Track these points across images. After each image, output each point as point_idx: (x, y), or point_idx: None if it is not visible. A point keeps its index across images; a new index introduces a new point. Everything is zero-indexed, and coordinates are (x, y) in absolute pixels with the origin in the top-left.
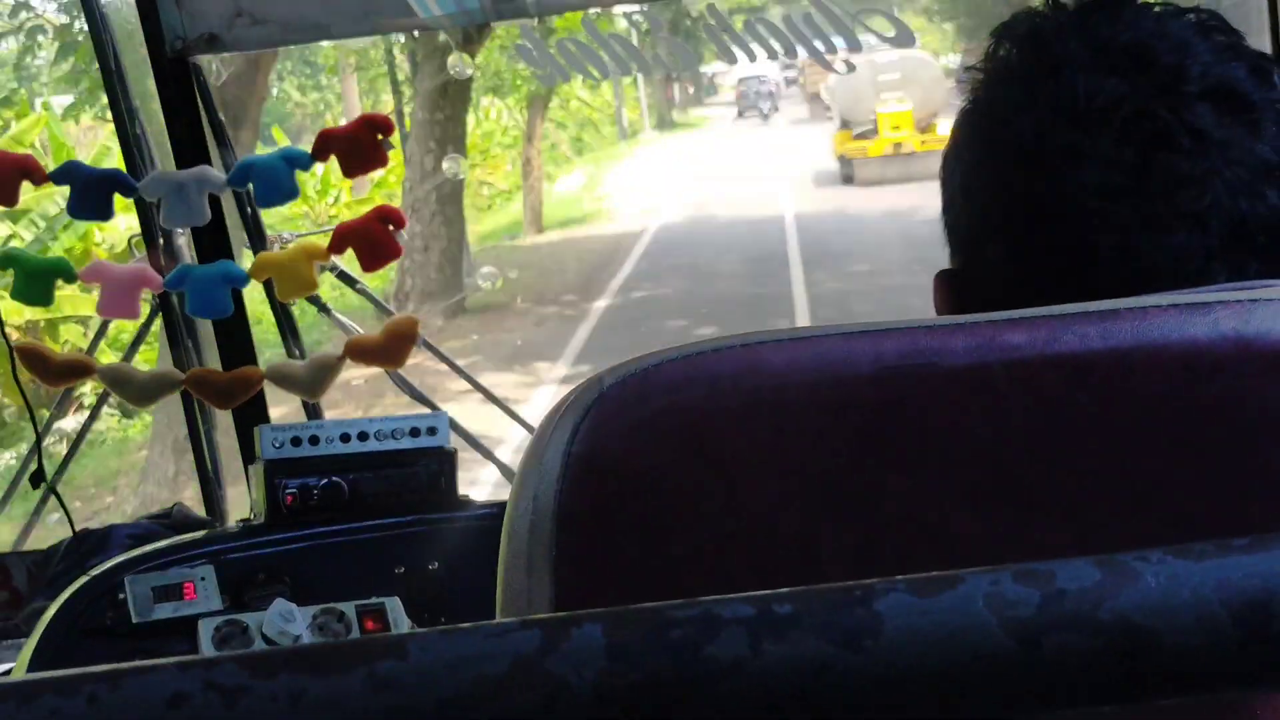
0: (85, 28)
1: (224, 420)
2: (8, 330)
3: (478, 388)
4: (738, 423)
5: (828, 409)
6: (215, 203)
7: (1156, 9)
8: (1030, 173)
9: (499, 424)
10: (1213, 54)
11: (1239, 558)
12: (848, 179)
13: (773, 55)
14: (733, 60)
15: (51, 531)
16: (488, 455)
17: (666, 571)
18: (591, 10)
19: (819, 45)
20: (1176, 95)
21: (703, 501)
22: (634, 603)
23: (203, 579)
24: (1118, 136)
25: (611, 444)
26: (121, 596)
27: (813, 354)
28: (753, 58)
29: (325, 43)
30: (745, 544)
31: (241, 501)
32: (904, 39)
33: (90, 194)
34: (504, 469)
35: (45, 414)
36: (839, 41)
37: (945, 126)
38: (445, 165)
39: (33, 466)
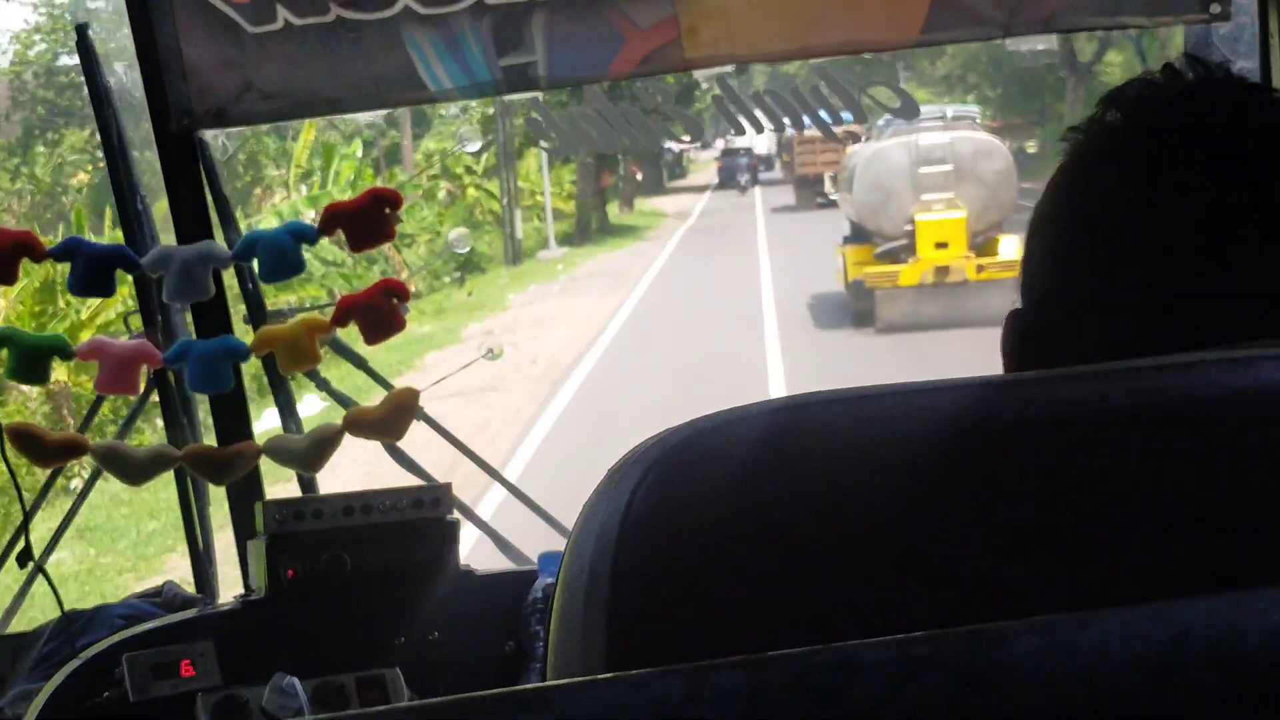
0: None
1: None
2: None
3: (479, 463)
4: (793, 483)
5: (882, 467)
6: (217, 277)
7: (1262, 94)
8: (1110, 241)
9: None
10: None
11: None
12: (864, 318)
13: (779, 128)
14: (741, 131)
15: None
16: (485, 529)
17: (722, 633)
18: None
19: (825, 116)
20: (1263, 183)
21: (758, 563)
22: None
23: (201, 655)
24: (1198, 216)
25: (668, 506)
26: (118, 675)
27: (867, 413)
28: (760, 129)
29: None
30: (802, 606)
31: (231, 576)
32: (909, 109)
33: (93, 270)
34: (500, 542)
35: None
36: (844, 114)
37: (1011, 247)
38: (452, 237)
39: (19, 546)
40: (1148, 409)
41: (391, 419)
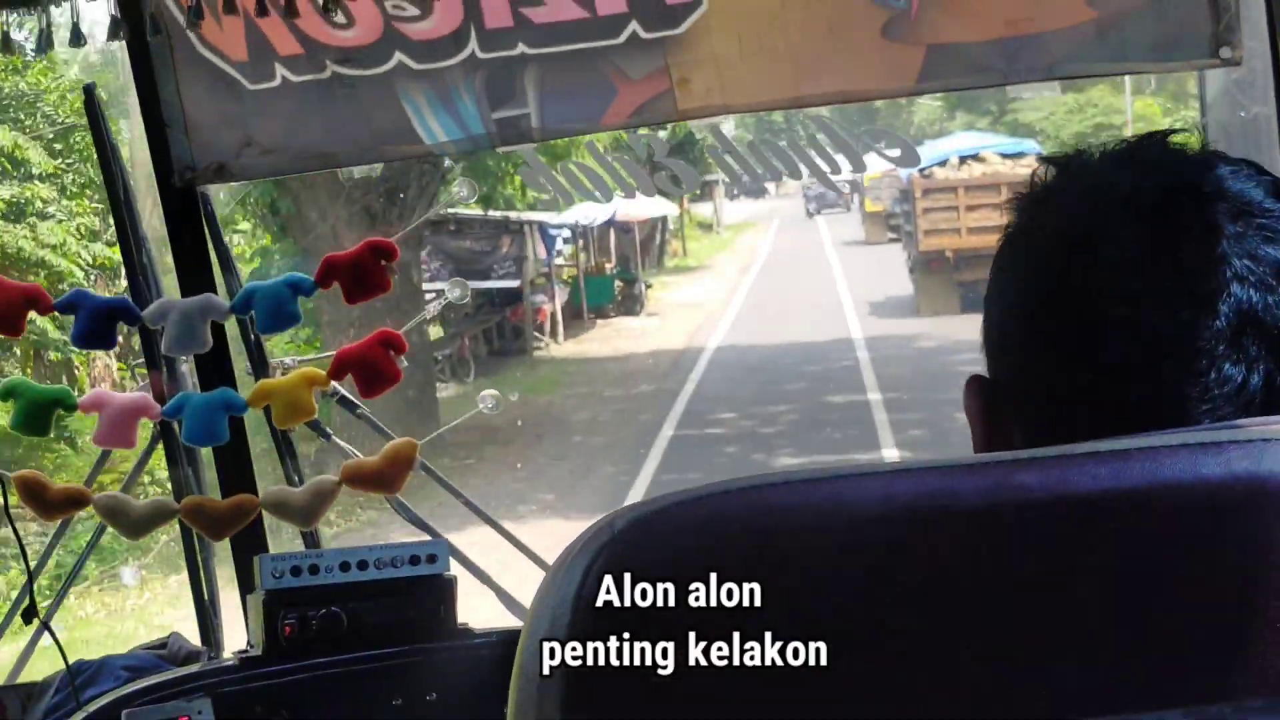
0: None
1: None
2: None
3: (482, 516)
4: (748, 566)
5: (838, 551)
6: (219, 328)
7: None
8: (1050, 257)
9: None
10: (1233, 175)
11: None
12: None
13: (775, 176)
14: (736, 179)
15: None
16: (488, 583)
17: (677, 718)
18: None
19: (823, 165)
20: (1195, 193)
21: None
22: None
23: (200, 713)
24: (1136, 221)
25: (622, 589)
26: None
27: (824, 496)
28: (756, 179)
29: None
30: (756, 690)
31: (237, 628)
32: (908, 158)
33: (96, 323)
34: (504, 597)
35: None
36: (843, 161)
37: None
38: (447, 288)
39: (24, 604)
40: (1109, 496)
41: (390, 471)
